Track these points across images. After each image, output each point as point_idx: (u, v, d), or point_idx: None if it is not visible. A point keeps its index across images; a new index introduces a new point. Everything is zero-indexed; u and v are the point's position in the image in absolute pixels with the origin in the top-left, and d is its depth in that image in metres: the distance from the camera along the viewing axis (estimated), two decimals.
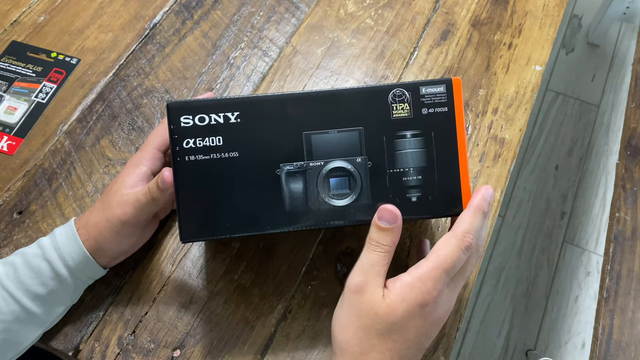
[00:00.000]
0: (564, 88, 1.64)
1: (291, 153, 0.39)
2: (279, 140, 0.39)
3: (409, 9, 0.65)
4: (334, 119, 0.39)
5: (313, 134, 0.39)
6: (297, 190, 0.39)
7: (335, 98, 0.39)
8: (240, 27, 0.63)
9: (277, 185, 0.39)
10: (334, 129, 0.39)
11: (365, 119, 0.39)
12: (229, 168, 0.39)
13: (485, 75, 0.60)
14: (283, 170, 0.39)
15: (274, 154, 0.39)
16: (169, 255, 0.49)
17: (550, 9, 0.65)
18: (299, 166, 0.39)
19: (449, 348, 0.46)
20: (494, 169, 0.54)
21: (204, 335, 0.46)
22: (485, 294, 1.33)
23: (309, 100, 0.39)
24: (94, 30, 0.62)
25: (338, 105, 0.39)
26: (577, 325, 1.30)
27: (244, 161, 0.39)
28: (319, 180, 0.39)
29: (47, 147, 0.55)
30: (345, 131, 0.39)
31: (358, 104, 0.39)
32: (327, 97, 0.39)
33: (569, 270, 1.37)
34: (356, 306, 0.36)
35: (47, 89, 0.58)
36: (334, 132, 0.39)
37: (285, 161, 0.39)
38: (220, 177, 0.39)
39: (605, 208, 1.44)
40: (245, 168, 0.39)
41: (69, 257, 0.41)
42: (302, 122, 0.39)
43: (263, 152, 0.39)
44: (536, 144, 1.54)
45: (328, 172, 0.39)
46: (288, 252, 0.49)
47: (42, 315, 0.42)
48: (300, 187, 0.39)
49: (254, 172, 0.39)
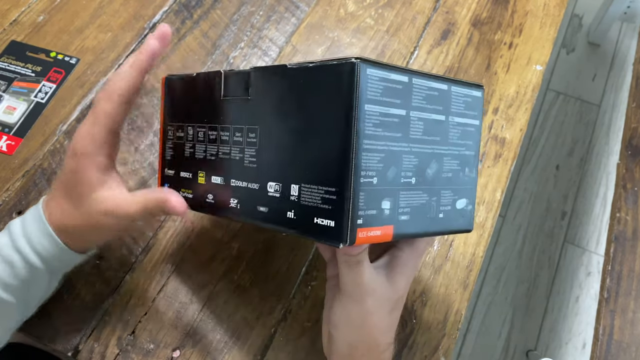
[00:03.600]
0: (564, 88, 1.64)
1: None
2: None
3: (409, 8, 0.65)
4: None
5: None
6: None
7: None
8: (240, 26, 0.63)
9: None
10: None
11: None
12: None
13: (486, 74, 0.60)
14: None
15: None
16: (169, 255, 0.49)
17: (550, 9, 0.65)
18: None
19: (450, 348, 0.46)
20: (494, 169, 0.54)
21: (204, 335, 0.46)
22: (485, 294, 1.33)
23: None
24: (93, 29, 0.62)
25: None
26: (577, 326, 1.29)
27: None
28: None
29: (46, 147, 0.54)
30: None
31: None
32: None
33: (570, 270, 1.36)
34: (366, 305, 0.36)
35: (47, 88, 0.58)
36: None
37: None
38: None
39: (606, 208, 1.44)
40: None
41: (40, 247, 0.38)
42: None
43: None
44: (537, 144, 1.54)
45: None
46: (288, 253, 0.49)
47: (18, 304, 0.39)
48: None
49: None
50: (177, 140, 0.41)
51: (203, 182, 0.38)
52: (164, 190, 0.37)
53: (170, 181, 0.42)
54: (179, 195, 0.37)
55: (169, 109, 0.43)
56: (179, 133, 0.41)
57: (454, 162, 0.34)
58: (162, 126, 0.43)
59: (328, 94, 0.29)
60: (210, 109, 0.38)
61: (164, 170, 0.43)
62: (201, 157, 0.39)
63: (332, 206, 0.29)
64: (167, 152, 0.42)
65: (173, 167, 0.42)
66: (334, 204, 0.29)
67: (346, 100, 0.28)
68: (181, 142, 0.41)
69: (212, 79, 0.38)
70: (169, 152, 0.42)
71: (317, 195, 0.30)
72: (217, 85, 0.37)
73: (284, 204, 0.32)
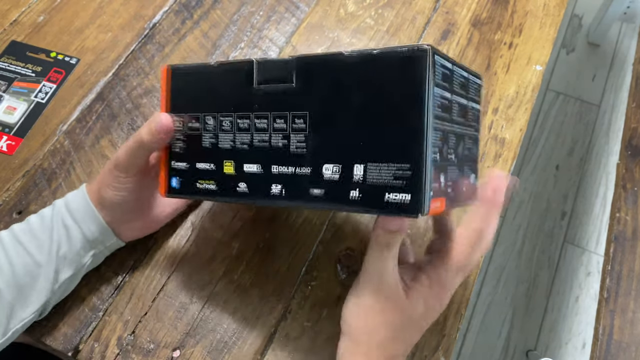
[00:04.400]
0: (564, 88, 1.64)
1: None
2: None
3: (409, 8, 0.65)
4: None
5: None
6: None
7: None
8: (240, 26, 0.63)
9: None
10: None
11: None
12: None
13: (486, 75, 0.60)
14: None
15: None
16: (169, 255, 0.49)
17: (550, 9, 0.65)
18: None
19: (450, 348, 0.46)
20: (494, 169, 0.54)
21: (204, 335, 0.46)
22: (485, 294, 1.33)
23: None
24: (93, 30, 0.62)
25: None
26: (577, 326, 1.29)
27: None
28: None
29: (46, 147, 0.54)
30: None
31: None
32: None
33: (570, 270, 1.36)
34: (380, 302, 0.36)
35: (47, 88, 0.58)
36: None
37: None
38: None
39: (605, 208, 1.44)
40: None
41: (74, 209, 0.43)
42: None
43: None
44: (537, 144, 1.54)
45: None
46: (288, 253, 0.49)
47: (52, 272, 0.42)
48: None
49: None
50: (191, 131, 0.40)
51: (232, 172, 0.38)
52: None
53: (182, 174, 0.41)
54: (168, 116, 0.40)
55: (175, 100, 0.41)
56: (193, 124, 0.40)
57: (469, 141, 0.38)
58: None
59: (396, 78, 0.32)
60: (238, 98, 0.38)
61: (170, 163, 0.42)
62: (227, 146, 0.38)
63: (406, 181, 0.31)
64: (175, 145, 0.41)
65: (185, 159, 0.41)
66: (409, 179, 0.31)
67: (419, 84, 0.31)
68: (196, 133, 0.40)
69: (240, 68, 0.38)
70: (177, 144, 0.41)
71: (388, 172, 0.32)
72: (247, 74, 0.37)
73: (346, 184, 0.33)
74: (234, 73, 0.38)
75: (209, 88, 0.40)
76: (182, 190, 0.41)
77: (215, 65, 0.39)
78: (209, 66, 0.40)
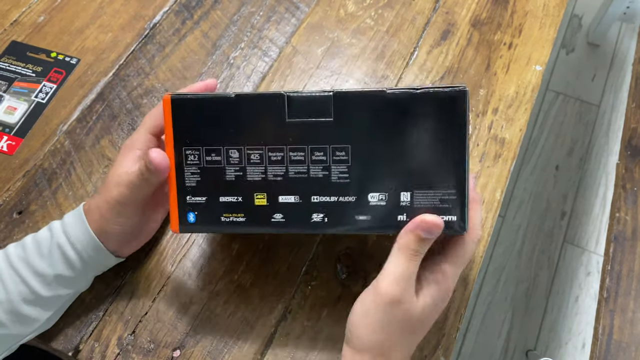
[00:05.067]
0: (564, 88, 1.64)
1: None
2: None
3: (409, 8, 0.65)
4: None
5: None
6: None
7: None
8: (240, 27, 0.63)
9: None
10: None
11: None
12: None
13: (486, 75, 0.60)
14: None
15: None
16: (169, 255, 0.49)
17: (550, 9, 0.65)
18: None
19: (450, 348, 0.46)
20: (494, 169, 0.54)
21: (204, 335, 0.46)
22: (485, 294, 1.33)
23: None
24: (93, 30, 0.62)
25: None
26: (577, 326, 1.30)
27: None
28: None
29: (47, 147, 0.55)
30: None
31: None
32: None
33: (569, 270, 1.36)
34: (390, 313, 0.36)
35: (47, 89, 0.58)
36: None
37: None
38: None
39: (605, 208, 1.44)
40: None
41: (76, 240, 0.42)
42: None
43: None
44: (536, 144, 1.54)
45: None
46: (288, 253, 0.49)
47: (49, 298, 0.42)
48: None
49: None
50: (210, 164, 0.39)
51: (264, 204, 0.39)
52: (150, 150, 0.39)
53: (200, 209, 0.40)
54: (162, 152, 0.39)
55: (184, 132, 0.39)
56: (212, 157, 0.39)
57: None
58: (172, 150, 0.39)
59: (438, 114, 0.36)
60: (269, 131, 0.38)
61: (184, 198, 0.40)
62: (258, 178, 0.39)
63: (451, 204, 0.37)
64: (189, 179, 0.39)
65: (204, 193, 0.39)
66: (454, 202, 0.37)
67: (460, 118, 0.36)
68: (218, 167, 0.39)
69: (266, 101, 0.38)
70: (192, 178, 0.39)
71: (434, 197, 0.37)
72: (276, 107, 0.38)
73: (393, 209, 0.37)
74: (262, 106, 0.38)
75: (230, 120, 0.38)
76: (200, 224, 0.40)
77: (232, 96, 0.38)
78: (223, 97, 0.38)
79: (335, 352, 0.45)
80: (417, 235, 0.36)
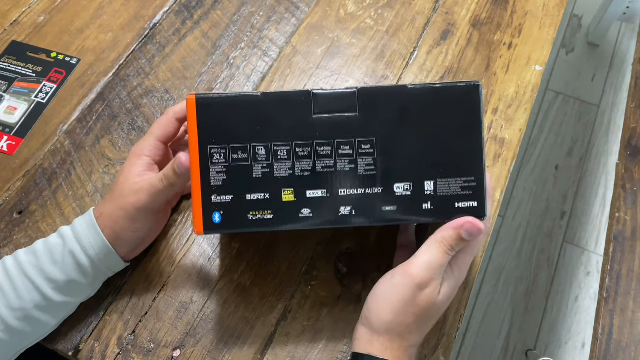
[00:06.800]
0: (564, 88, 1.64)
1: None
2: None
3: (409, 9, 0.65)
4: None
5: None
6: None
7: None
8: (240, 27, 0.63)
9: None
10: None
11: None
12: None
13: (485, 75, 0.60)
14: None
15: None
16: (169, 255, 0.49)
17: (550, 9, 0.65)
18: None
19: (449, 348, 0.46)
20: (494, 169, 0.54)
21: (204, 335, 0.46)
22: (485, 294, 1.33)
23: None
24: (94, 30, 0.62)
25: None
26: (577, 325, 1.30)
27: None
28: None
29: (47, 147, 0.55)
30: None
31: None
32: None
33: (569, 270, 1.37)
34: (417, 297, 0.38)
35: (47, 89, 0.58)
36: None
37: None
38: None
39: (605, 208, 1.44)
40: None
41: (89, 247, 0.42)
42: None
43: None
44: (536, 144, 1.54)
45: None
46: (288, 252, 0.49)
47: (61, 304, 0.42)
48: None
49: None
50: (237, 162, 0.39)
51: (292, 200, 0.39)
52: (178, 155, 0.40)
53: (226, 208, 0.39)
54: (187, 154, 0.40)
55: (210, 132, 0.39)
56: (239, 154, 0.39)
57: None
58: (197, 151, 0.39)
59: (455, 107, 0.39)
60: (296, 127, 0.39)
61: (209, 198, 0.39)
62: (285, 174, 0.39)
63: (472, 191, 0.39)
64: (215, 178, 0.39)
65: (230, 192, 0.39)
66: (474, 189, 0.39)
67: (476, 111, 0.39)
68: (244, 164, 0.39)
69: (295, 99, 0.39)
70: (217, 177, 0.39)
71: (456, 185, 0.39)
72: (303, 104, 0.39)
73: (418, 198, 0.39)
74: (288, 103, 0.39)
75: (256, 118, 0.39)
76: (226, 225, 0.39)
77: (260, 95, 0.39)
78: (252, 96, 0.39)
79: (335, 351, 0.45)
80: (459, 234, 0.38)
